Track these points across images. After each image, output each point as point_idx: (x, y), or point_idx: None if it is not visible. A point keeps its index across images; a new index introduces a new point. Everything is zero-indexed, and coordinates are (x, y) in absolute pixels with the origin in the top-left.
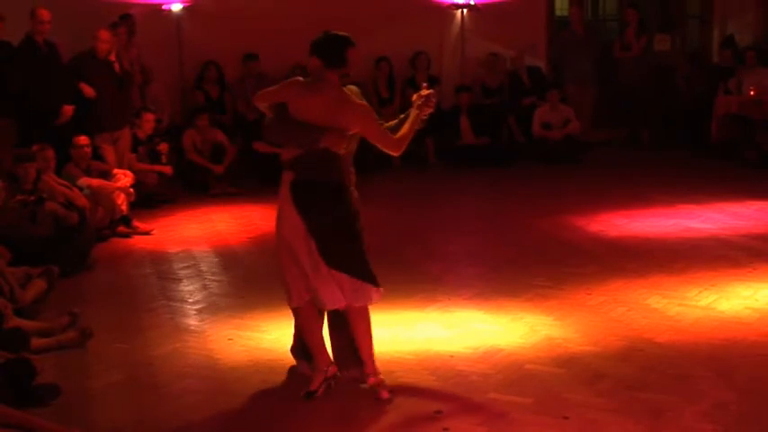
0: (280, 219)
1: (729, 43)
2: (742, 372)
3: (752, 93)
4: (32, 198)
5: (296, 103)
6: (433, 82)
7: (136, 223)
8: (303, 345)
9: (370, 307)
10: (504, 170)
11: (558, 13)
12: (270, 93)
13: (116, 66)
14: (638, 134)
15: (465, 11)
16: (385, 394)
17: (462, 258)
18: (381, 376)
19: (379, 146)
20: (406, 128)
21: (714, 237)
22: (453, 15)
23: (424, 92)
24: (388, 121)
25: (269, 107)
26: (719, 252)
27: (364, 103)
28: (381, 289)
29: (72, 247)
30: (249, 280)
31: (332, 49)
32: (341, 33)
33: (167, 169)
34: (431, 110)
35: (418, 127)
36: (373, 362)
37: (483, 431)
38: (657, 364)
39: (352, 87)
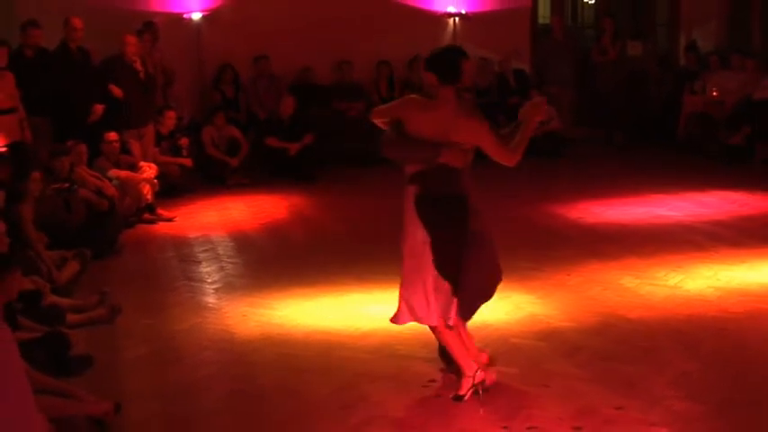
0: (405, 234)
1: (693, 48)
2: (705, 344)
3: (714, 94)
4: (66, 186)
5: (413, 119)
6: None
7: (160, 211)
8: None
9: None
10: (493, 163)
11: (540, 21)
12: (386, 109)
13: (141, 69)
14: (612, 135)
15: (457, 19)
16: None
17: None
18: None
19: (494, 157)
20: (518, 137)
21: (680, 223)
22: (447, 23)
23: (536, 99)
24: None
25: (386, 122)
26: (685, 237)
27: (478, 116)
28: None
29: (102, 233)
30: (261, 262)
31: (446, 65)
32: (452, 47)
33: (188, 162)
34: (541, 117)
35: (532, 134)
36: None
37: (471, 398)
38: (629, 337)
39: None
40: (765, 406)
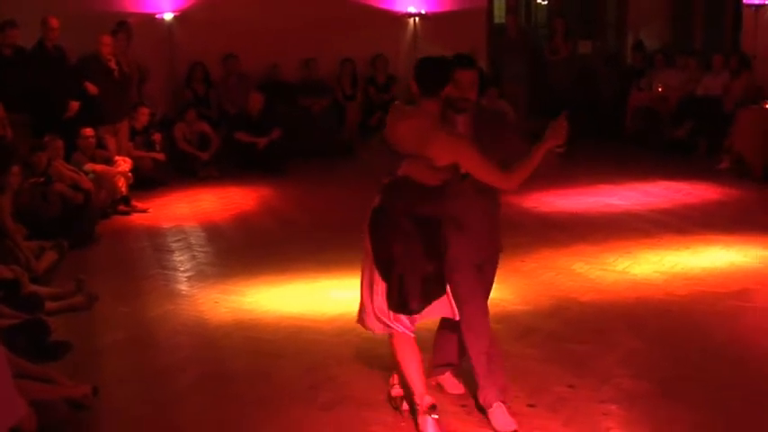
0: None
1: (640, 47)
2: (651, 325)
3: (660, 90)
4: (42, 180)
5: (393, 127)
6: (392, 80)
7: (134, 203)
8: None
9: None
10: None
11: (496, 20)
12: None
13: (115, 67)
14: None
15: (417, 19)
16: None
17: None
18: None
19: (484, 180)
20: (524, 159)
21: (628, 212)
22: (407, 22)
23: (558, 121)
24: None
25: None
26: (633, 225)
27: (457, 134)
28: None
29: (79, 224)
30: (232, 251)
31: (426, 77)
32: (440, 58)
33: (160, 156)
34: (559, 141)
35: (546, 163)
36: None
37: (432, 379)
38: (580, 319)
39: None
40: (706, 382)
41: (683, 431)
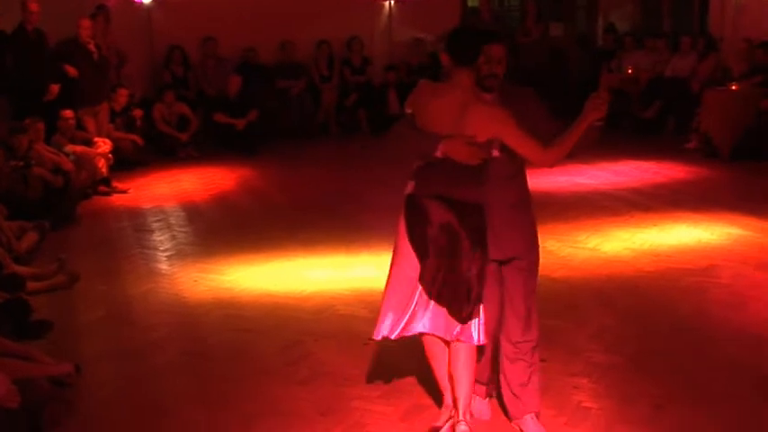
0: (396, 240)
1: (611, 30)
2: (620, 301)
3: (629, 71)
4: (21, 164)
5: (422, 108)
6: (367, 62)
7: (114, 183)
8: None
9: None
10: None
11: (469, 3)
12: (408, 101)
13: (95, 50)
14: None
15: (392, 2)
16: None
17: (392, 210)
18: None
19: (523, 155)
20: (565, 134)
21: (599, 191)
22: (382, 5)
23: (598, 93)
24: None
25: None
26: (603, 203)
27: (497, 105)
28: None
29: (60, 205)
30: (211, 230)
31: (461, 46)
32: (472, 28)
33: (139, 140)
34: (600, 114)
35: (587, 138)
36: (461, 405)
37: (407, 354)
38: (553, 296)
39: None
40: (674, 355)
41: (651, 401)
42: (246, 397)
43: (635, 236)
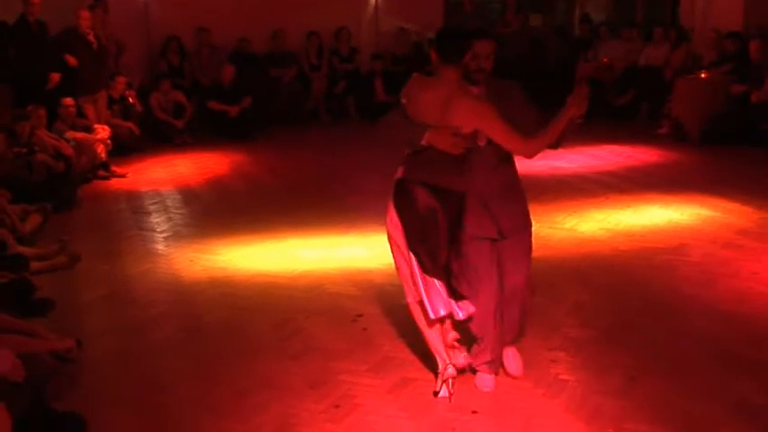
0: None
1: (587, 20)
2: (596, 278)
3: (605, 60)
4: (25, 151)
5: (413, 99)
6: (354, 52)
7: (113, 168)
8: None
9: None
10: None
11: None
12: (404, 89)
13: (94, 40)
14: None
15: None
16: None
17: (378, 193)
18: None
19: (506, 147)
20: (547, 127)
21: (576, 174)
22: None
23: (579, 90)
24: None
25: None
26: (580, 185)
27: (481, 99)
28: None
29: (61, 189)
30: (205, 212)
31: (447, 46)
32: (460, 27)
33: (135, 128)
34: (580, 111)
35: (569, 130)
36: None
37: (394, 330)
38: (532, 274)
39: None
40: (646, 329)
41: (625, 373)
42: (240, 372)
43: (610, 216)
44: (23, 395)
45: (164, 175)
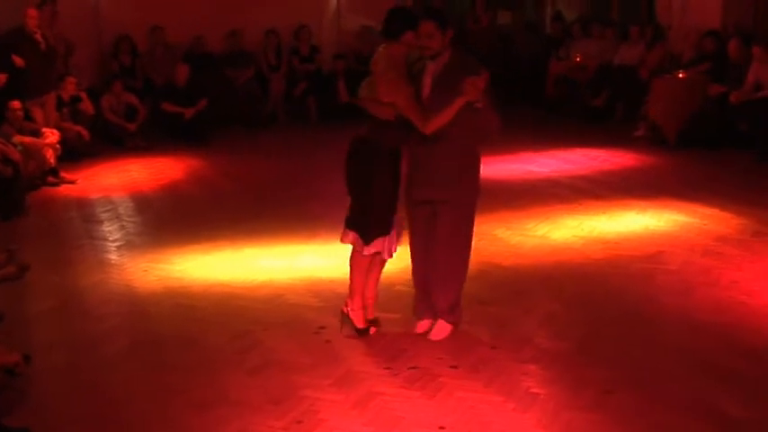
0: None
1: (559, 18)
2: (568, 288)
3: (577, 59)
4: None
5: (372, 66)
6: (315, 51)
7: (63, 174)
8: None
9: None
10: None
11: None
12: None
13: (42, 40)
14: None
15: None
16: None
17: (341, 199)
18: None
19: (409, 118)
20: (441, 111)
21: (548, 178)
22: None
23: (475, 78)
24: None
25: None
26: (552, 191)
27: (397, 78)
28: (369, 246)
29: (8, 195)
30: (160, 220)
31: (389, 23)
32: (406, 8)
33: (84, 132)
34: (470, 98)
35: (488, 123)
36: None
37: (358, 343)
38: (502, 283)
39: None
40: (621, 340)
41: (599, 386)
42: (198, 386)
43: (584, 223)
44: None
45: (116, 181)
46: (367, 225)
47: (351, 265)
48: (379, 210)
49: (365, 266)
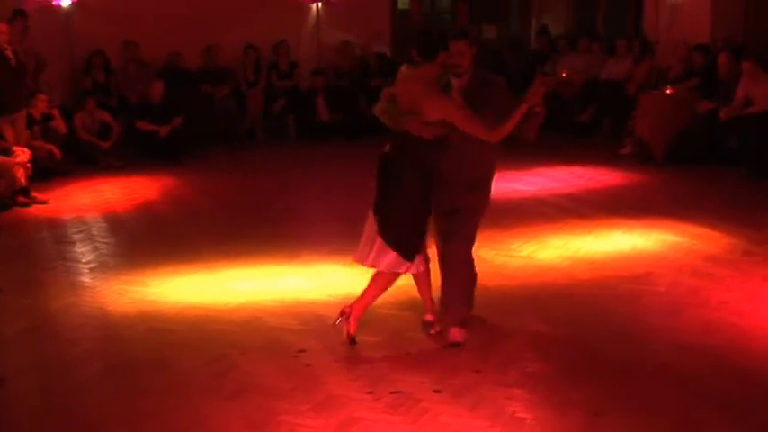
0: None
1: (544, 32)
2: (555, 308)
3: (563, 75)
4: None
5: (398, 89)
6: (294, 66)
7: (34, 194)
8: None
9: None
10: (355, 143)
11: (400, 6)
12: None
13: (12, 56)
14: None
15: (320, 4)
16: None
17: (321, 218)
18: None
19: (470, 133)
20: (506, 118)
21: (534, 197)
22: (310, 8)
23: (536, 84)
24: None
25: None
26: (538, 210)
27: (436, 92)
28: (411, 264)
29: None
30: (134, 241)
31: (424, 45)
32: (437, 30)
33: (56, 151)
34: (534, 101)
35: (529, 126)
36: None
37: (339, 366)
38: (487, 304)
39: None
40: (609, 362)
41: (586, 409)
42: (172, 411)
43: (570, 243)
44: None
45: (89, 200)
46: (409, 243)
47: (375, 280)
48: (416, 225)
49: (390, 284)
